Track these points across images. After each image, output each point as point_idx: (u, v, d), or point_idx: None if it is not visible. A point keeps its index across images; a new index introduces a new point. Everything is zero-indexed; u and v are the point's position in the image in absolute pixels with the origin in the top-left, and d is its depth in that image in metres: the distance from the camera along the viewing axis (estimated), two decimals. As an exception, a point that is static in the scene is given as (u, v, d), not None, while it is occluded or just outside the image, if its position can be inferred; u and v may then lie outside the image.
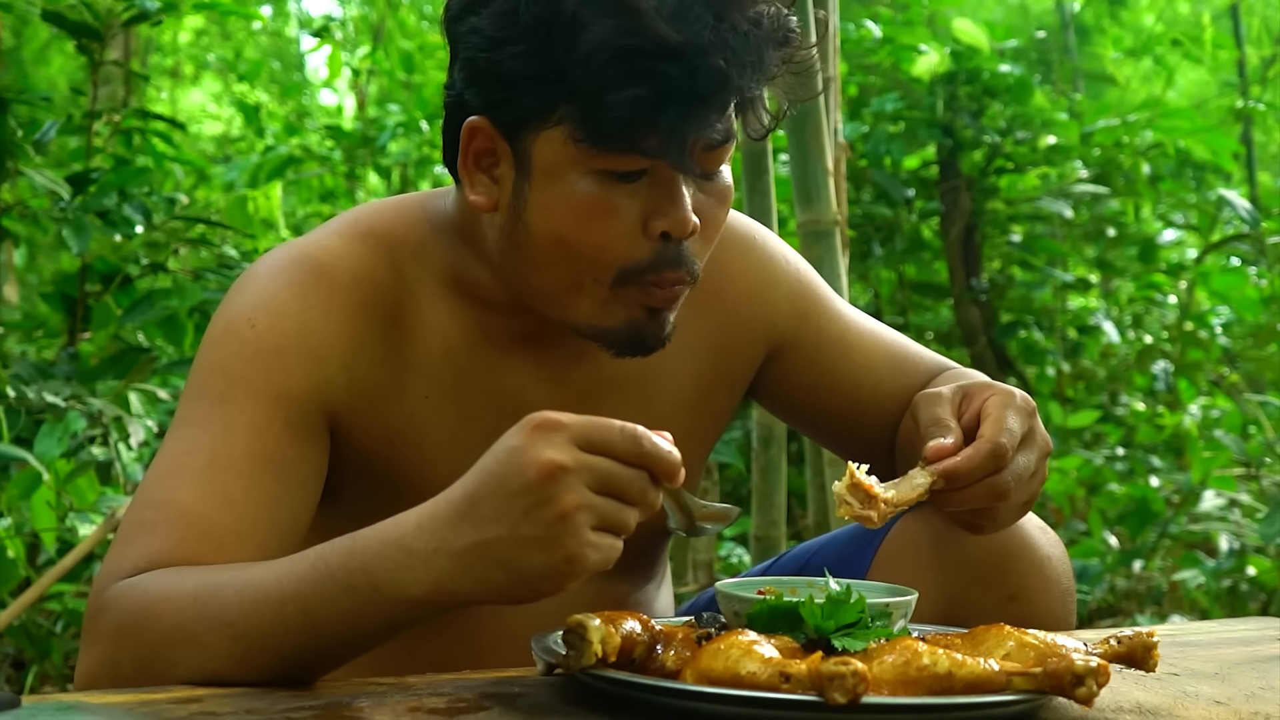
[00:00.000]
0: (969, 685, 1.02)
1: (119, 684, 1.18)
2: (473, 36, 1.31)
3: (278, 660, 1.15)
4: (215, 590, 1.17)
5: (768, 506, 3.07)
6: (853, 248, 4.91)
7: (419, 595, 1.11)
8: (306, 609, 1.13)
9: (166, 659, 1.17)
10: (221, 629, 1.15)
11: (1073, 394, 5.45)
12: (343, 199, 6.33)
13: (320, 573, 1.14)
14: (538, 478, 1.06)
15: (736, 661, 1.03)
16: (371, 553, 1.12)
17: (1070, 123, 5.24)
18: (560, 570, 1.07)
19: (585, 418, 1.09)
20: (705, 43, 1.23)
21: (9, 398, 2.86)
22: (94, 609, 1.24)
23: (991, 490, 1.32)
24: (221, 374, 1.33)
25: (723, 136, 1.31)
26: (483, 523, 1.08)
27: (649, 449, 1.09)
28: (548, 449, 1.07)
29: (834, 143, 2.98)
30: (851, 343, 1.59)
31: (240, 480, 1.28)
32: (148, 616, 1.18)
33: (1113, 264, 5.67)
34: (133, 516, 1.28)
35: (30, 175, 3.14)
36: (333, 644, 1.15)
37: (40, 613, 3.19)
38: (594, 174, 1.30)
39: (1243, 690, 1.21)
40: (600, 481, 1.08)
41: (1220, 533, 4.27)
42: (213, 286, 3.37)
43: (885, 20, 5.22)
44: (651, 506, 1.11)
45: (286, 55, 12.41)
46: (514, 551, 1.07)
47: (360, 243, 1.42)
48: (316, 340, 1.36)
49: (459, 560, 1.09)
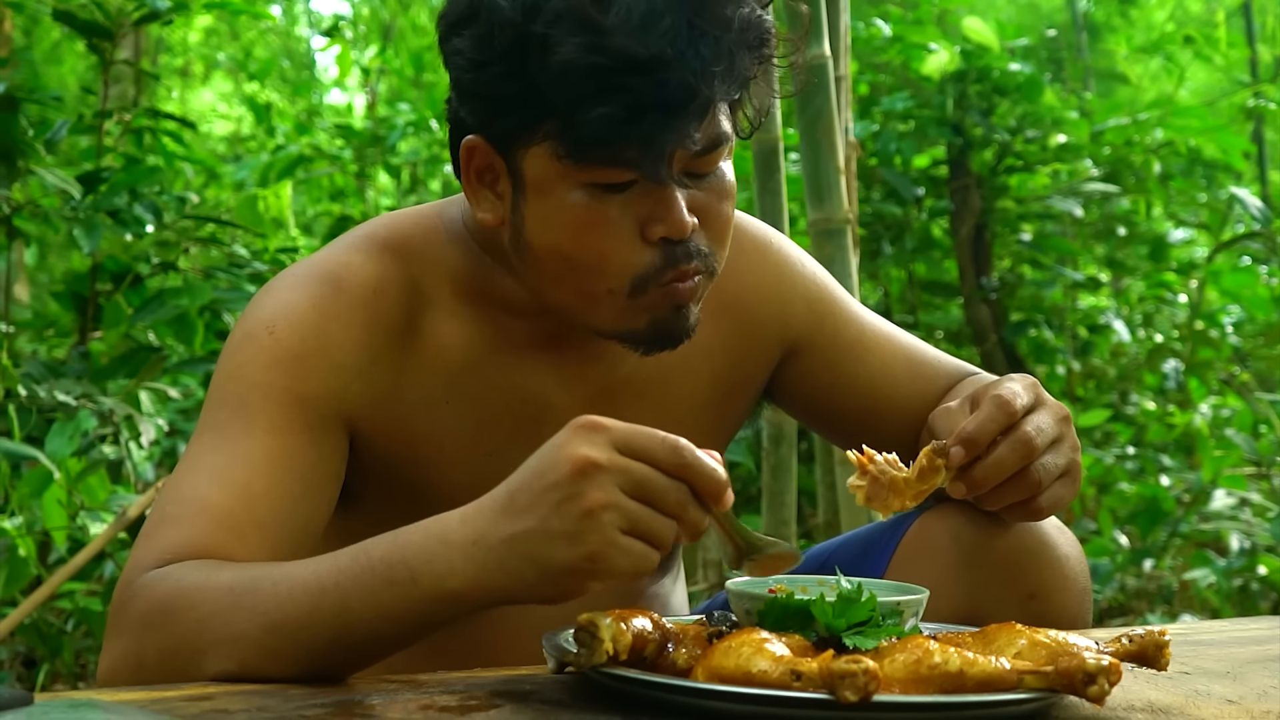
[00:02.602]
0: (980, 684, 1.02)
1: (143, 678, 1.18)
2: (457, 58, 1.33)
3: (307, 654, 1.15)
4: (251, 582, 1.17)
5: (778, 505, 3.07)
6: (863, 246, 4.91)
7: (456, 589, 1.11)
8: (343, 601, 1.13)
9: (195, 649, 1.16)
10: (255, 619, 1.15)
11: (1083, 393, 5.44)
12: (353, 198, 6.34)
13: (361, 565, 1.14)
14: (569, 473, 1.07)
15: (748, 660, 1.03)
16: (414, 546, 1.13)
17: (1081, 121, 5.23)
18: (583, 568, 1.07)
19: (631, 425, 1.10)
20: (672, 55, 1.23)
21: (20, 396, 2.87)
22: (120, 600, 1.23)
23: (1016, 447, 1.31)
24: (241, 379, 1.35)
25: (705, 143, 1.30)
26: (517, 515, 1.09)
27: (690, 460, 1.09)
28: (584, 446, 1.08)
29: (845, 141, 2.98)
30: (868, 345, 1.60)
31: (260, 477, 1.29)
32: (179, 605, 1.18)
33: (1123, 263, 5.66)
34: (156, 514, 1.29)
35: (41, 174, 3.15)
36: (365, 639, 1.15)
37: (51, 611, 3.20)
38: (583, 187, 1.30)
39: (1255, 689, 1.20)
40: (635, 485, 1.07)
41: (1231, 532, 4.26)
42: (223, 285, 3.38)
43: (895, 19, 5.22)
44: (694, 525, 1.10)
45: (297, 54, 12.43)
46: (542, 545, 1.08)
47: (378, 257, 1.43)
48: (334, 349, 1.37)
49: (494, 553, 1.10)
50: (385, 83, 8.03)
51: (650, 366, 1.49)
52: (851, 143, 3.03)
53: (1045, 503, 1.36)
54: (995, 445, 1.32)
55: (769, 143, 3.01)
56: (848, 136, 3.02)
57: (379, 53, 7.62)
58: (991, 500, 1.36)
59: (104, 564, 2.97)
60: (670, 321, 1.36)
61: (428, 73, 7.39)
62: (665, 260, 1.32)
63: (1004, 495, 1.35)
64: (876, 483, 1.27)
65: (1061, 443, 1.35)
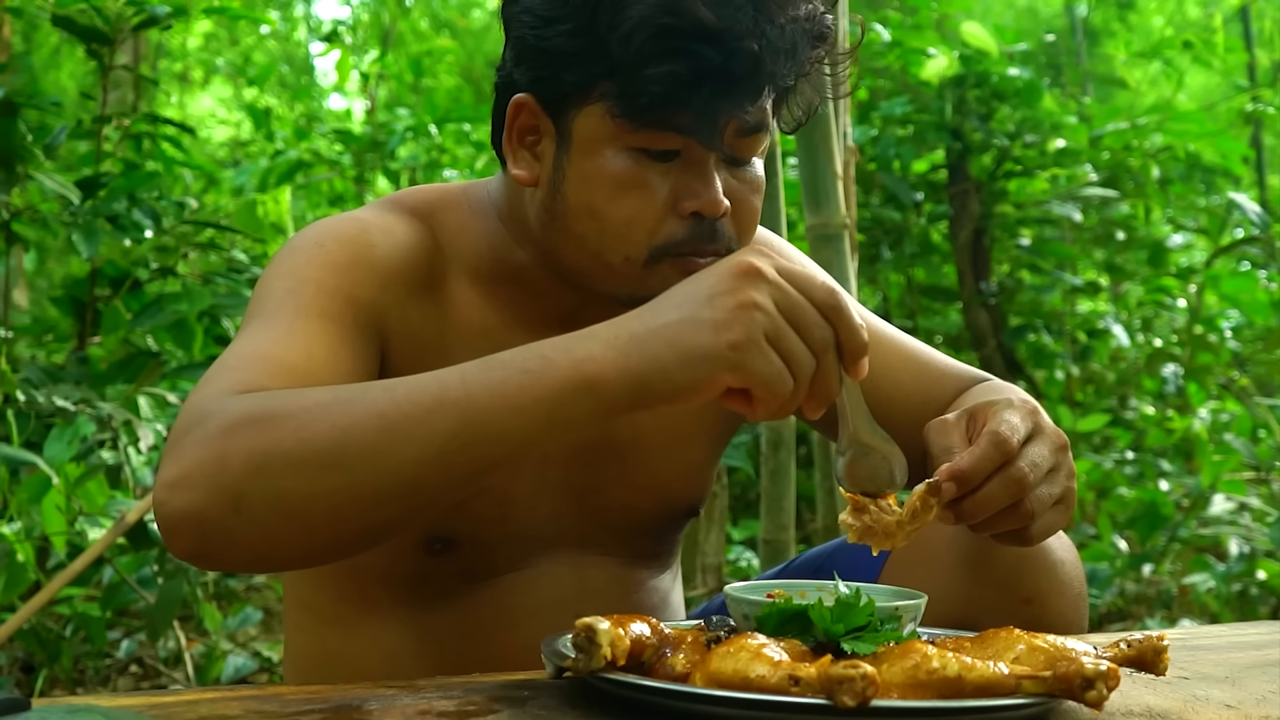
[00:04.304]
0: (978, 689, 1.02)
1: (219, 488, 1.09)
2: (525, 16, 1.37)
3: (417, 456, 1.11)
4: (359, 390, 1.14)
5: (777, 510, 3.07)
6: (861, 251, 4.91)
7: (592, 373, 1.12)
8: (468, 392, 1.12)
9: (292, 457, 1.09)
10: (369, 419, 1.11)
11: (1082, 398, 5.44)
12: (352, 203, 6.34)
13: (490, 363, 1.14)
14: (732, 272, 1.12)
15: (746, 664, 1.03)
16: (550, 343, 1.15)
17: (1079, 126, 5.24)
18: (724, 355, 1.10)
19: (790, 264, 1.15)
20: (742, 28, 1.28)
21: (19, 402, 2.87)
22: (189, 421, 1.14)
23: (1009, 484, 1.29)
24: (293, 276, 1.35)
25: (755, 122, 1.36)
26: (670, 307, 1.14)
27: (842, 306, 1.14)
28: (751, 257, 1.13)
29: (843, 146, 2.98)
30: (869, 346, 1.59)
31: (319, 341, 1.29)
32: (277, 413, 1.12)
33: (1122, 267, 5.66)
34: (214, 368, 1.23)
35: (40, 180, 3.15)
36: (484, 434, 1.12)
37: (50, 616, 3.20)
38: (629, 150, 1.34)
39: (1253, 694, 1.20)
40: (789, 307, 1.12)
41: (1230, 537, 4.26)
42: (222, 291, 3.38)
43: (894, 24, 5.22)
44: (828, 377, 1.14)
45: (296, 60, 12.44)
46: (689, 330, 1.11)
47: (407, 218, 1.47)
48: (381, 267, 1.40)
49: (636, 340, 1.13)
50: (384, 88, 8.03)
51: None
52: (850, 147, 3.03)
53: (1036, 532, 1.33)
54: (988, 480, 1.28)
55: (766, 147, 3.01)
56: (846, 141, 3.02)
57: (378, 58, 7.62)
58: (982, 528, 1.35)
59: (103, 569, 2.97)
60: None
61: (427, 78, 7.40)
62: (690, 234, 1.36)
63: (994, 524, 1.33)
64: (870, 528, 1.26)
65: (1057, 472, 1.32)
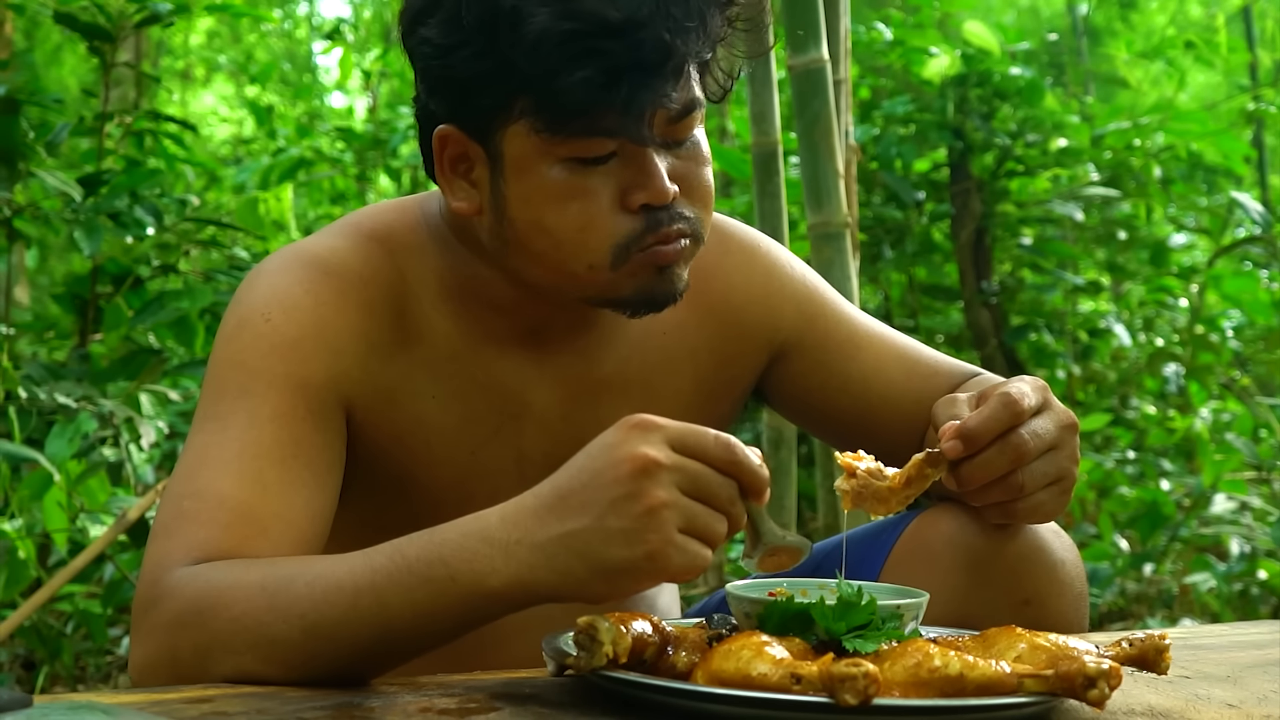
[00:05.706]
0: (980, 687, 1.02)
1: (178, 676, 1.16)
2: (424, 47, 1.33)
3: (346, 654, 1.14)
4: (285, 582, 1.16)
5: (778, 509, 3.07)
6: (863, 250, 4.91)
7: (496, 587, 1.10)
8: (381, 601, 1.12)
9: (231, 649, 1.15)
10: (291, 621, 1.13)
11: (1083, 397, 5.44)
12: (354, 201, 6.33)
13: (397, 564, 1.13)
14: (630, 472, 1.06)
15: (748, 663, 1.03)
16: (451, 545, 1.12)
17: (1081, 125, 5.23)
18: (641, 567, 1.06)
19: (682, 423, 1.10)
20: (645, 15, 1.24)
21: (20, 399, 2.87)
22: (147, 599, 1.21)
23: (1006, 450, 1.30)
24: (240, 367, 1.34)
25: (681, 104, 1.31)
26: (569, 514, 1.08)
27: (741, 459, 1.10)
28: (643, 445, 1.07)
29: (845, 145, 2.98)
30: (860, 344, 1.59)
31: (273, 466, 1.28)
32: (213, 605, 1.16)
33: (1124, 267, 5.66)
34: (170, 509, 1.27)
35: (42, 177, 3.15)
36: (403, 638, 1.14)
37: (51, 613, 3.20)
38: (563, 162, 1.31)
39: (1255, 693, 1.20)
40: (692, 484, 1.07)
41: (1231, 536, 4.26)
42: (224, 288, 3.38)
43: (896, 23, 5.22)
44: (737, 521, 1.11)
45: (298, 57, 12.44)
46: (597, 543, 1.06)
47: (365, 245, 1.43)
48: (331, 334, 1.37)
49: (540, 551, 1.08)
50: (386, 86, 8.02)
51: (634, 366, 1.50)
52: (852, 146, 3.03)
53: (1024, 508, 1.35)
54: (990, 445, 1.30)
55: (768, 146, 3.01)
56: (848, 140, 3.02)
57: (380, 56, 7.61)
58: (974, 497, 1.35)
59: (104, 566, 2.97)
60: (655, 284, 1.36)
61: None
62: (647, 225, 1.33)
63: (986, 494, 1.34)
64: (860, 492, 1.27)
65: (1058, 451, 1.33)
